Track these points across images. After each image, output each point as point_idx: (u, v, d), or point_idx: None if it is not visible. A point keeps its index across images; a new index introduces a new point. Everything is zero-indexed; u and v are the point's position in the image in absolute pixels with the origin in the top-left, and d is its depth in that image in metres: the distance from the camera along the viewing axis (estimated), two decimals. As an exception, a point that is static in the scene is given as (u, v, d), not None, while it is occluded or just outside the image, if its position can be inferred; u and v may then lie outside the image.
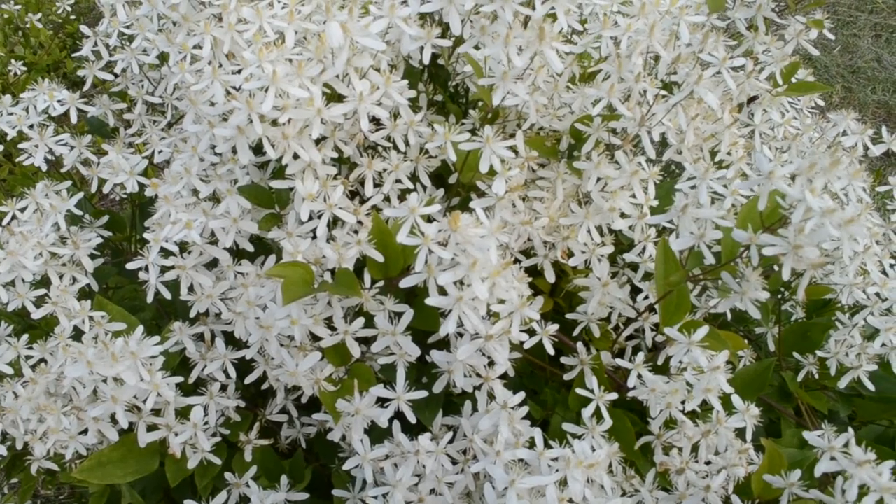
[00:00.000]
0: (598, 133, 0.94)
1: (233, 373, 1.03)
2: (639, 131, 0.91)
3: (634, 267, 1.13)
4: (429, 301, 0.76)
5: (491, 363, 0.87)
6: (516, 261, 0.92)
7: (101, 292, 1.39)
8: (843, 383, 1.12)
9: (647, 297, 1.09)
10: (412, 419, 0.87)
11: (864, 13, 3.68)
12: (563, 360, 1.03)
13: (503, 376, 0.89)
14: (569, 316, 1.07)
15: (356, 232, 0.94)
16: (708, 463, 0.92)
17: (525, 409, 0.91)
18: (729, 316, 1.20)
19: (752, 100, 1.22)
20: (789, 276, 0.70)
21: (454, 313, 0.75)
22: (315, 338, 0.95)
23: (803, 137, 1.19)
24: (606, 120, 0.94)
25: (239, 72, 0.84)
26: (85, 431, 0.97)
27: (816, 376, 1.27)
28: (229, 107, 0.83)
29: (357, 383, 0.91)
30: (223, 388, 1.06)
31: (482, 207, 0.88)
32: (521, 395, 0.89)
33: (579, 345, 1.04)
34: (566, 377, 1.04)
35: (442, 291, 0.78)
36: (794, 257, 0.69)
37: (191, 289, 1.03)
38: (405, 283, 0.78)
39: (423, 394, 0.88)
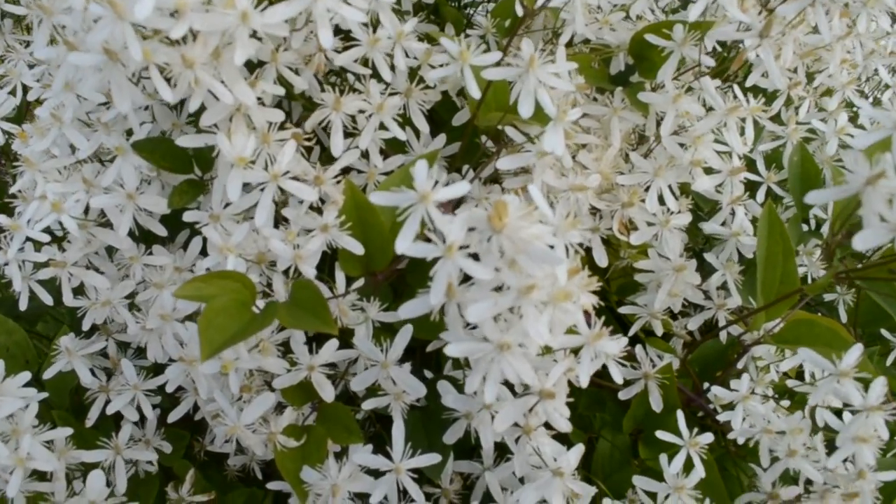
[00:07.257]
0: (685, 49, 0.62)
1: (149, 411, 0.72)
2: (758, 47, 0.59)
3: (697, 233, 0.83)
4: (450, 350, 0.44)
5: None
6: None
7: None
8: None
9: (723, 275, 0.79)
10: (419, 498, 0.57)
11: None
12: (620, 373, 0.74)
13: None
14: (622, 310, 0.77)
15: (319, 209, 0.62)
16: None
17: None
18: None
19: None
20: None
21: (494, 369, 0.44)
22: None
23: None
24: (698, 29, 0.61)
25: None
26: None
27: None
28: (91, 14, 0.48)
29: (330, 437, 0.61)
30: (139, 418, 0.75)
31: (518, 169, 0.57)
32: (580, 449, 0.59)
33: (639, 350, 0.74)
34: (622, 396, 0.75)
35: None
36: None
37: (81, 290, 0.71)
38: (406, 311, 0.46)
39: (433, 458, 0.58)
